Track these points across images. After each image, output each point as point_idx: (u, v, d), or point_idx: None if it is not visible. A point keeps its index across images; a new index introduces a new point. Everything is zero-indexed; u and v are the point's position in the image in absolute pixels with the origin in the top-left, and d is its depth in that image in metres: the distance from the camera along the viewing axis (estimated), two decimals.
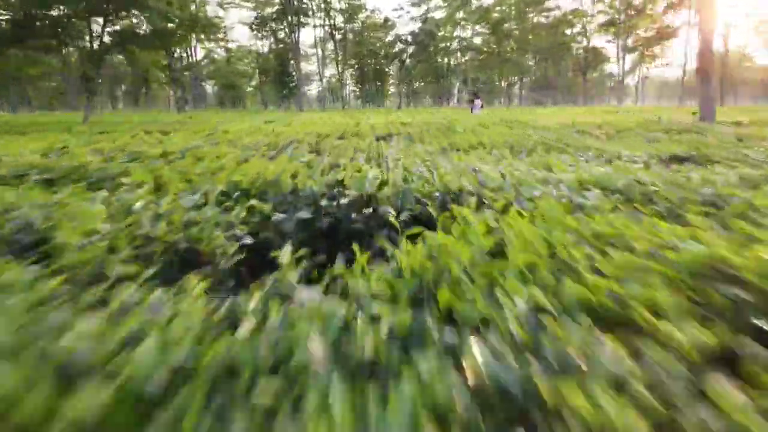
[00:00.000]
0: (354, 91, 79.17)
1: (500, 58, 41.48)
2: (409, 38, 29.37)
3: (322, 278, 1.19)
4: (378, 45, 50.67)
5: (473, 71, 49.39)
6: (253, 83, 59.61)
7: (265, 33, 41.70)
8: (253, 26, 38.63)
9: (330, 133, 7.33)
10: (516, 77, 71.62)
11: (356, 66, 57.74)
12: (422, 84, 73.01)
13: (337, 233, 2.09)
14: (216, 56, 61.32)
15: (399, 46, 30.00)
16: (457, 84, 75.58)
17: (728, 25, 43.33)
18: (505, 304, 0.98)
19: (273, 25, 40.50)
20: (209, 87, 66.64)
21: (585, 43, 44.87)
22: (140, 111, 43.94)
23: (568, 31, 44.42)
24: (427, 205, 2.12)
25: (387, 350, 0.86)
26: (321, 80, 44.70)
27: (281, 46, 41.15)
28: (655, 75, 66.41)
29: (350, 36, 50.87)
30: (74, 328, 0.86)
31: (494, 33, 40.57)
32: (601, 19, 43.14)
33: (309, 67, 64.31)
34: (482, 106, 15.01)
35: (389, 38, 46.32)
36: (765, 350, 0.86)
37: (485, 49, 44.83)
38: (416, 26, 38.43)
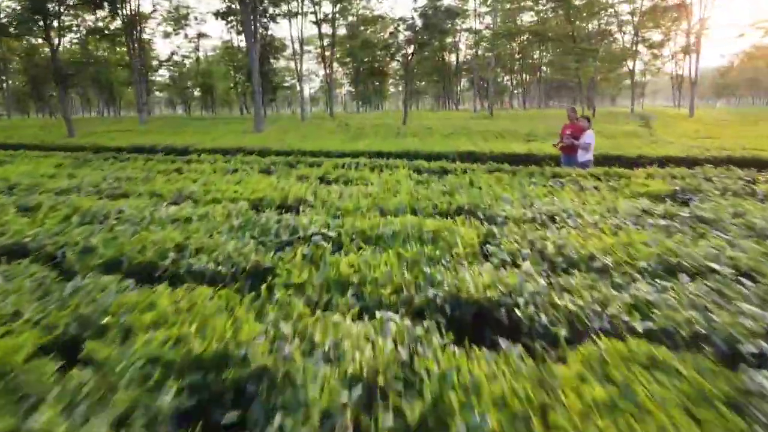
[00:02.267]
0: (350, 91, 72.14)
1: (574, 46, 33.77)
2: (418, 21, 22.67)
3: None
4: (375, 40, 43.88)
5: (484, 69, 42.60)
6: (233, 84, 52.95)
7: (239, 27, 35.05)
8: (218, 14, 32.03)
9: None
10: (529, 76, 65.03)
11: (350, 64, 51.00)
12: (423, 83, 66.17)
13: None
14: (195, 55, 54.66)
15: (402, 36, 23.48)
16: (461, 83, 68.76)
17: None
18: None
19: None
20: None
21: (632, 32, 38.15)
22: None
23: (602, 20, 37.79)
24: None
25: None
26: (299, 80, 38.26)
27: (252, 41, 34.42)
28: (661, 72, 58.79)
29: (342, 30, 44.22)
30: None
31: (566, 10, 33.02)
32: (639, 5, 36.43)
33: (304, 65, 57.65)
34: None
35: (390, 29, 39.47)
36: None
37: (550, 35, 37.12)
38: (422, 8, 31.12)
